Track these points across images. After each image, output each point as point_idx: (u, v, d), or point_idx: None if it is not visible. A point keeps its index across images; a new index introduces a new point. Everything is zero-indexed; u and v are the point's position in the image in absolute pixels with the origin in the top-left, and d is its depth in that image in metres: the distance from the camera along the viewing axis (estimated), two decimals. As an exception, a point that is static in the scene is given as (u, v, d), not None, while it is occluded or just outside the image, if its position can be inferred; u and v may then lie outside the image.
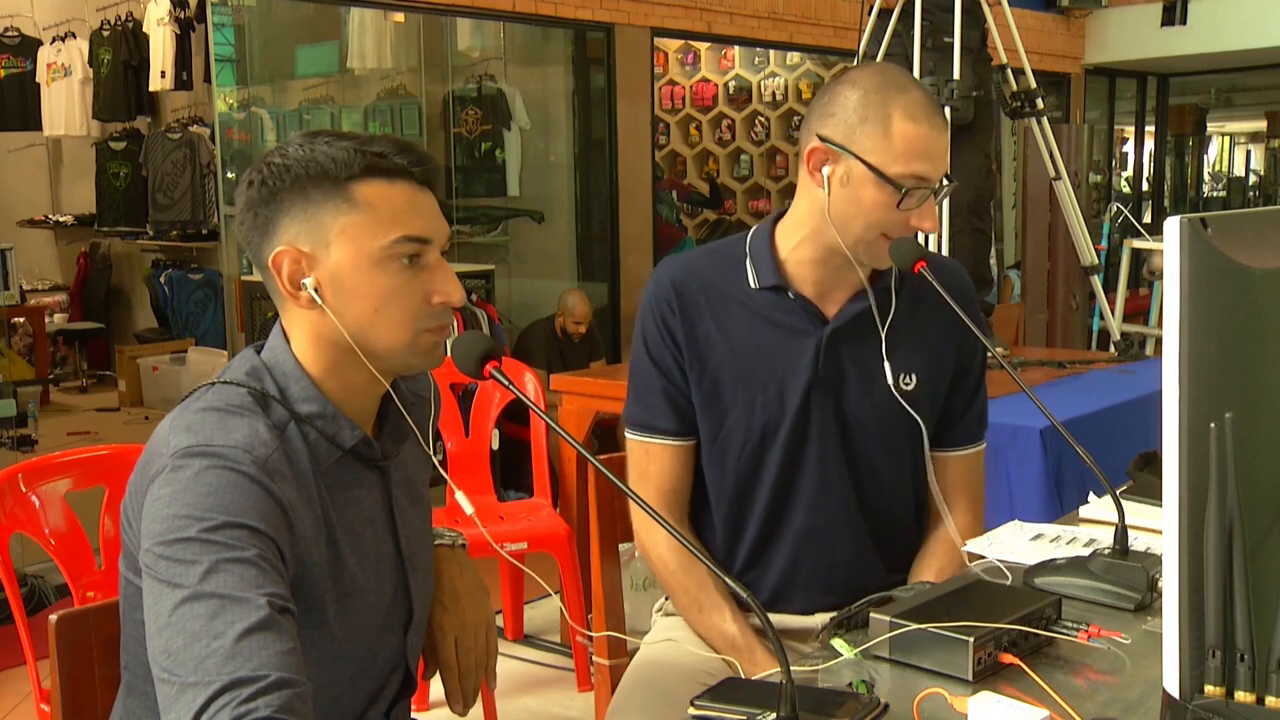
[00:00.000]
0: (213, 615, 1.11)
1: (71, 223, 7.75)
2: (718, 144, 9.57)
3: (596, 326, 5.67)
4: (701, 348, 1.82)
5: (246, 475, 1.21)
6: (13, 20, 7.01)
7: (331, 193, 1.28)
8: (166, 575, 1.15)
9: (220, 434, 1.23)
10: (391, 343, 1.32)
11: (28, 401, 5.51)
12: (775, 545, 1.85)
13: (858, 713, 1.22)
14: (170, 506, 1.18)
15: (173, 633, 1.12)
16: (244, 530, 1.17)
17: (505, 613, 3.83)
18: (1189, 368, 0.98)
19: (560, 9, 5.85)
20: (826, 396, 1.80)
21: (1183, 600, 1.00)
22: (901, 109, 1.70)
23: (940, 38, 3.87)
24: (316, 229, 1.29)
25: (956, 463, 1.90)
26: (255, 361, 1.34)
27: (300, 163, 1.29)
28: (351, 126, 7.02)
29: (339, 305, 1.30)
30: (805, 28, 7.03)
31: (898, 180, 1.69)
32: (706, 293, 1.83)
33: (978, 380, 1.91)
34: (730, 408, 1.82)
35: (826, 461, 1.81)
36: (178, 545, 1.15)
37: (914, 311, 1.83)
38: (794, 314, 1.80)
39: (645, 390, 1.86)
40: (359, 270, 1.29)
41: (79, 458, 2.35)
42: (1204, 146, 13.43)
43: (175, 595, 1.13)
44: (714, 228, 8.97)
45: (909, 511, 1.88)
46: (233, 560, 1.14)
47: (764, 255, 1.82)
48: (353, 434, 1.33)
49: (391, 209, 1.29)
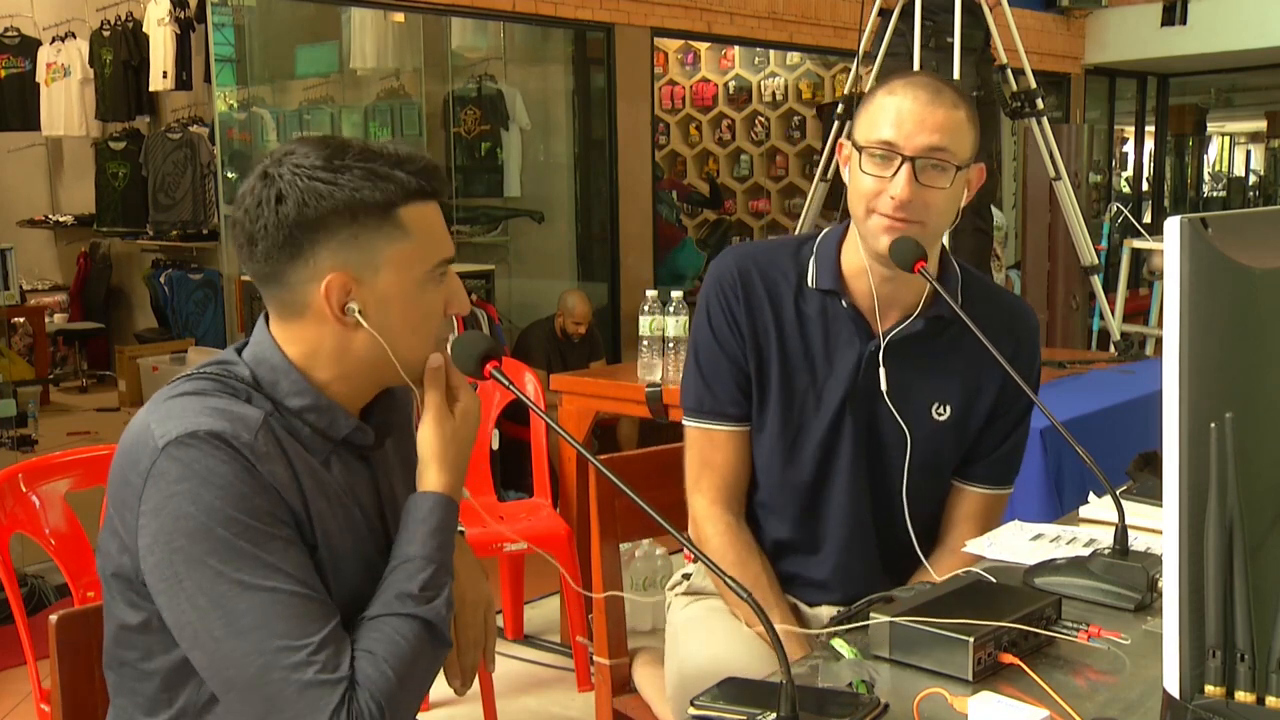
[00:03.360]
0: (239, 596, 1.20)
1: (71, 223, 7.75)
2: (718, 144, 9.57)
3: (596, 326, 5.67)
4: (759, 337, 1.82)
5: (242, 458, 1.23)
6: (13, 20, 7.01)
7: (383, 220, 1.30)
8: (190, 579, 1.21)
9: (205, 417, 1.24)
10: (418, 357, 1.36)
11: (28, 401, 5.51)
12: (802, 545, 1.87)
13: (858, 713, 1.22)
14: (188, 506, 1.21)
15: (203, 636, 1.21)
16: (262, 524, 1.23)
17: (505, 613, 3.83)
18: (1189, 368, 0.98)
19: (560, 9, 5.85)
20: (861, 410, 1.80)
21: (1183, 600, 1.00)
22: (887, 86, 1.75)
23: (943, 38, 3.87)
24: (367, 255, 1.30)
25: (973, 498, 1.89)
26: (235, 358, 1.36)
27: (347, 188, 1.28)
28: (351, 126, 7.02)
29: (379, 325, 1.32)
30: (805, 28, 7.03)
31: (864, 145, 1.71)
32: (768, 284, 1.83)
33: (1014, 425, 1.88)
34: (770, 403, 1.82)
35: (856, 473, 1.82)
36: (211, 551, 1.21)
37: (962, 343, 1.81)
38: (844, 322, 1.81)
39: (711, 374, 1.85)
40: (406, 293, 1.33)
41: (79, 458, 2.35)
42: (1204, 146, 13.43)
43: (199, 597, 1.20)
44: (714, 228, 8.97)
45: (924, 537, 1.85)
46: (261, 553, 1.22)
47: (828, 258, 1.82)
48: (347, 422, 1.35)
49: (433, 234, 1.34)
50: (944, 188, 1.72)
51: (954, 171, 1.72)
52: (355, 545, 1.36)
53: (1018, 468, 1.93)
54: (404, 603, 1.28)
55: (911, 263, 1.75)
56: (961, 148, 1.73)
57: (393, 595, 1.29)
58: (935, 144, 1.70)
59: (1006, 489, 1.92)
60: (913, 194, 1.69)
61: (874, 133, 1.71)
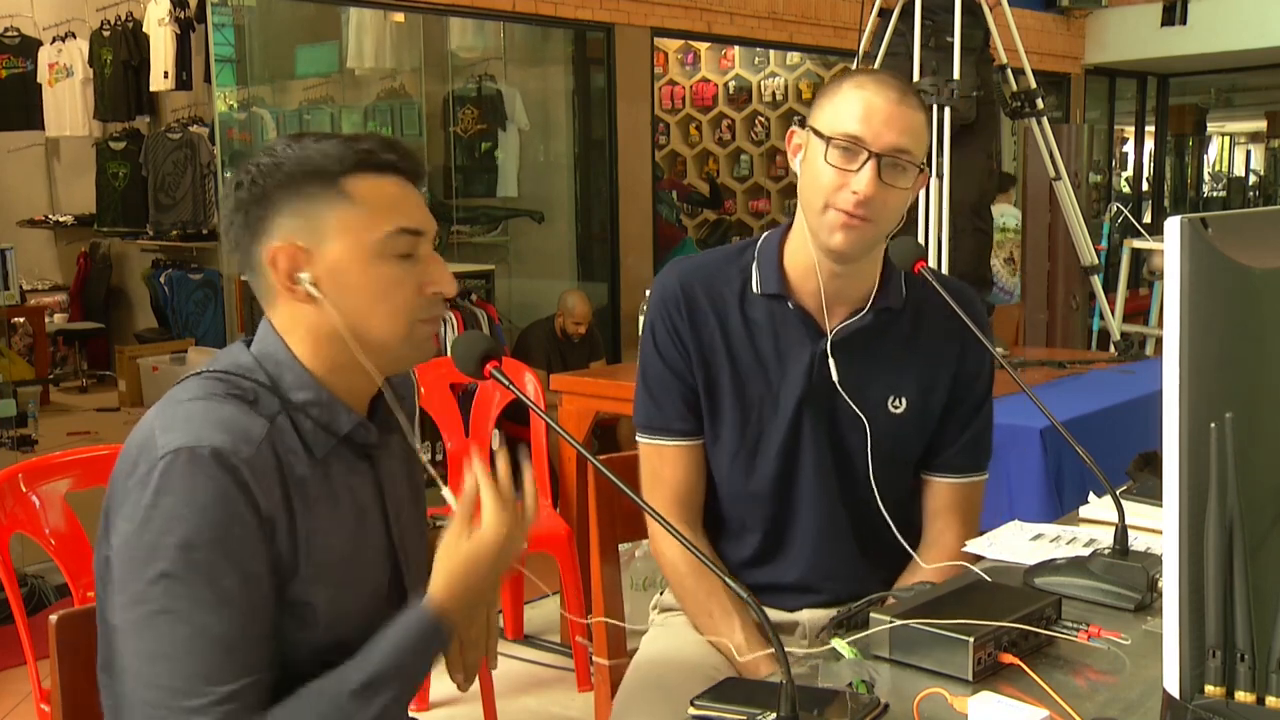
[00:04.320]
0: (196, 636, 1.19)
1: (71, 223, 7.75)
2: (718, 144, 9.58)
3: (596, 327, 5.67)
4: (706, 352, 1.81)
5: (236, 479, 1.22)
6: (13, 20, 7.01)
7: (326, 188, 1.30)
8: (150, 605, 1.21)
9: (208, 429, 1.23)
10: (387, 334, 1.33)
11: (28, 401, 5.51)
12: (772, 553, 1.86)
13: (858, 713, 1.22)
14: (162, 521, 1.21)
15: (153, 660, 1.20)
16: (228, 557, 1.22)
17: (505, 613, 3.83)
18: (1189, 368, 0.98)
19: (560, 9, 5.85)
20: (819, 408, 1.79)
21: (1183, 600, 1.00)
22: (854, 79, 1.73)
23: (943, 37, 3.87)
24: (312, 224, 1.30)
25: (945, 488, 1.88)
26: (245, 354, 1.35)
27: (292, 160, 1.31)
28: (351, 126, 7.02)
29: (337, 298, 1.31)
30: (805, 28, 7.03)
31: (829, 135, 1.69)
32: (711, 297, 1.82)
33: (973, 411, 1.87)
34: (724, 415, 1.82)
35: (822, 473, 1.81)
36: (162, 573, 1.20)
37: (914, 335, 1.82)
38: (793, 325, 1.79)
39: (659, 391, 1.84)
40: (357, 263, 1.30)
41: (79, 458, 2.35)
42: (1204, 146, 13.44)
43: (156, 623, 1.19)
44: (714, 228, 8.98)
45: (901, 530, 1.83)
46: (206, 590, 1.20)
47: (770, 262, 1.81)
48: (349, 418, 1.34)
49: (386, 202, 1.31)
50: (905, 188, 1.71)
51: (915, 173, 1.72)
52: (352, 548, 1.35)
53: (988, 452, 1.91)
54: (337, 700, 1.25)
55: (912, 262, 1.75)
56: (921, 150, 1.73)
57: (333, 683, 1.26)
58: (901, 144, 1.69)
59: (980, 475, 1.90)
60: (875, 191, 1.68)
61: (840, 125, 1.69)
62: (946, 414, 1.85)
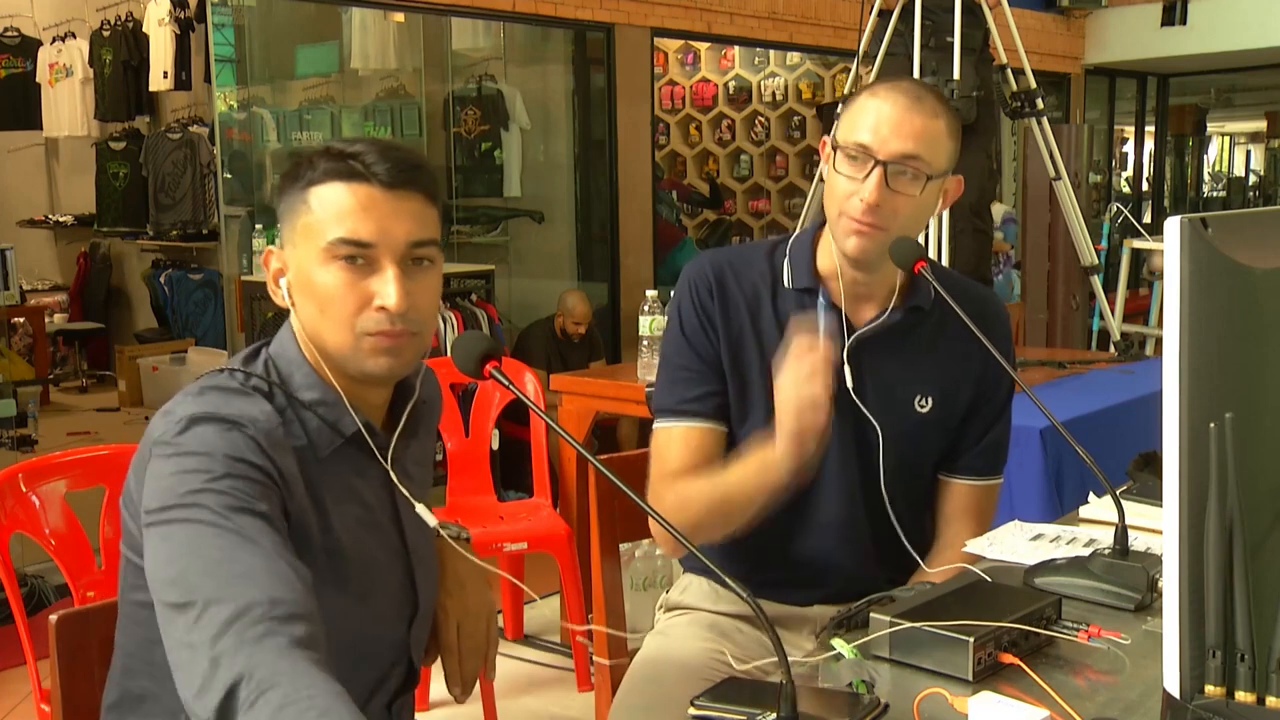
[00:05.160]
0: (236, 546, 1.14)
1: (71, 223, 7.75)
2: (718, 144, 9.57)
3: (596, 327, 5.67)
4: (735, 342, 1.81)
5: (251, 438, 1.24)
6: (13, 20, 7.01)
7: (299, 194, 1.34)
8: (181, 516, 1.17)
9: (225, 406, 1.27)
10: (338, 343, 1.33)
11: (28, 401, 5.51)
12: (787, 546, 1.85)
13: (858, 713, 1.22)
14: (177, 465, 1.21)
15: (190, 559, 1.14)
16: (250, 482, 1.21)
17: (505, 613, 3.83)
18: (1189, 368, 0.98)
19: (560, 9, 5.85)
20: (845, 406, 1.78)
21: (1183, 600, 1.00)
22: (871, 89, 1.75)
23: (942, 37, 3.87)
24: (287, 229, 1.36)
25: (962, 490, 1.88)
26: (262, 353, 1.39)
27: (290, 166, 1.37)
28: (351, 126, 7.02)
29: (299, 304, 1.36)
30: (805, 28, 7.03)
31: (841, 145, 1.72)
32: (743, 285, 1.82)
33: (995, 415, 1.88)
34: (752, 409, 1.81)
35: (846, 466, 1.81)
36: (189, 495, 1.18)
37: (941, 335, 1.82)
38: (824, 318, 1.80)
39: (682, 373, 1.81)
40: (308, 269, 1.33)
41: (79, 458, 2.35)
42: (1204, 146, 13.44)
43: (189, 529, 1.16)
44: (714, 228, 8.97)
45: (916, 531, 1.84)
46: (242, 509, 1.18)
47: (803, 257, 1.82)
48: (354, 421, 1.35)
49: (337, 211, 1.31)
50: (913, 195, 1.70)
51: (925, 181, 1.71)
52: (354, 545, 1.35)
53: (1004, 457, 1.92)
54: None
55: (911, 263, 1.75)
56: (936, 158, 1.71)
57: None
58: (909, 151, 1.69)
59: (996, 479, 1.91)
60: (881, 199, 1.68)
61: (852, 134, 1.72)
62: (971, 413, 1.86)
